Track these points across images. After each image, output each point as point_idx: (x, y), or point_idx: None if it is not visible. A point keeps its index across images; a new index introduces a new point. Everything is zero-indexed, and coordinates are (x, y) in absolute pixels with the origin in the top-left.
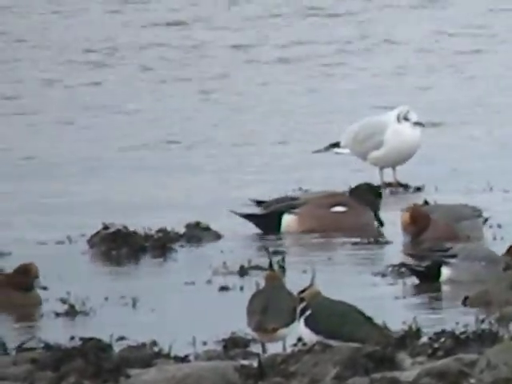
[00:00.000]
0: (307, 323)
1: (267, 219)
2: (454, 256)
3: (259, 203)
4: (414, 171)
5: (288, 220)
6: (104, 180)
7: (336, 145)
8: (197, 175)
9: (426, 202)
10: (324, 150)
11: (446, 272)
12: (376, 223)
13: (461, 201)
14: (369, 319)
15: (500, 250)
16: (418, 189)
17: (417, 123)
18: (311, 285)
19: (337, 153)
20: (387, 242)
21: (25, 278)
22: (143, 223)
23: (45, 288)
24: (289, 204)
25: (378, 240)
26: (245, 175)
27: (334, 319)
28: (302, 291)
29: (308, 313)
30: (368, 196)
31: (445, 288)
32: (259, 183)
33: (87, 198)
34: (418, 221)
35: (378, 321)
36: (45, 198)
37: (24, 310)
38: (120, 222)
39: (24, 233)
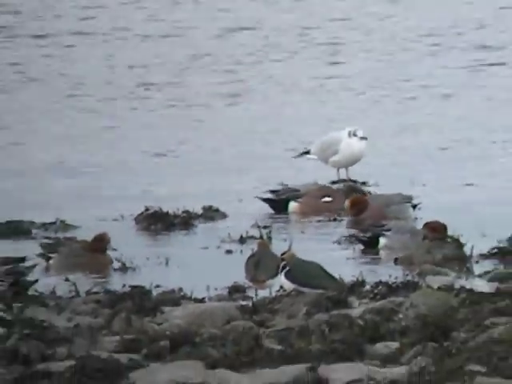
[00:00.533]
0: (286, 276)
1: (279, 204)
2: (388, 230)
3: (273, 192)
4: (361, 170)
5: (293, 206)
6: (146, 178)
7: (307, 152)
8: (213, 174)
9: (369, 193)
10: (299, 155)
11: (382, 241)
12: None
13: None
14: (329, 273)
15: (419, 226)
16: (363, 183)
17: (362, 138)
18: (289, 249)
19: (308, 158)
20: (342, 220)
21: (101, 243)
22: (173, 206)
23: (115, 249)
24: (294, 194)
25: (336, 218)
26: (244, 173)
27: (306, 273)
28: (283, 254)
29: (287, 269)
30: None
31: (382, 252)
32: (254, 179)
33: (135, 191)
34: (356, 206)
35: (336, 274)
36: (106, 190)
37: (98, 266)
38: (157, 205)
39: (90, 212)
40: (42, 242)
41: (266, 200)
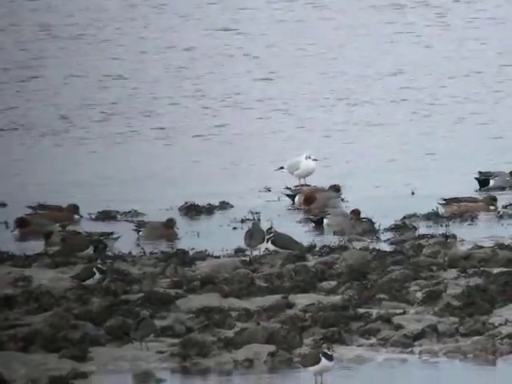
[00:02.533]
0: (271, 241)
1: (292, 197)
2: (328, 214)
3: (288, 188)
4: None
5: (297, 199)
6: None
7: (282, 167)
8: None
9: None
10: (278, 169)
11: (325, 221)
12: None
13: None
14: (295, 241)
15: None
16: (315, 186)
17: (314, 159)
18: (271, 227)
19: (282, 171)
20: (302, 209)
21: (171, 223)
22: (202, 201)
23: (177, 228)
24: (297, 191)
25: (298, 208)
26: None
27: (282, 240)
28: (269, 229)
29: (271, 237)
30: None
31: (325, 228)
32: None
33: (178, 191)
34: (307, 200)
35: (299, 241)
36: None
37: (169, 237)
38: (191, 200)
39: (150, 204)
40: (134, 222)
41: (287, 195)
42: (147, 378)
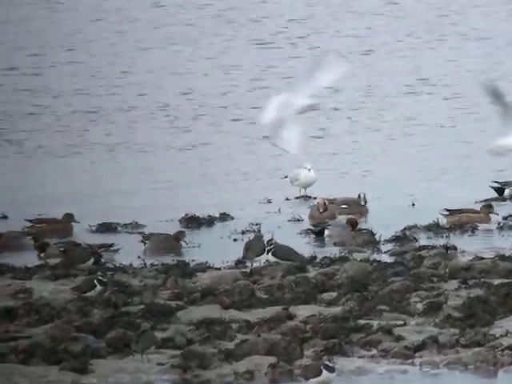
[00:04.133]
0: (272, 253)
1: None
2: (329, 225)
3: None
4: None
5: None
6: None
7: (286, 177)
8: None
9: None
10: (283, 178)
11: (326, 232)
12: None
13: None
14: (296, 252)
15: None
16: (315, 198)
17: (309, 169)
18: (272, 238)
19: (286, 180)
20: (303, 220)
21: (181, 236)
22: (202, 213)
23: (186, 242)
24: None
25: (299, 219)
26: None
27: (283, 251)
28: (270, 240)
29: (272, 248)
30: None
31: (326, 239)
32: (248, 193)
33: (178, 203)
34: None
35: (299, 252)
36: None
37: (175, 249)
38: (191, 212)
39: (152, 216)
40: (141, 234)
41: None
42: None
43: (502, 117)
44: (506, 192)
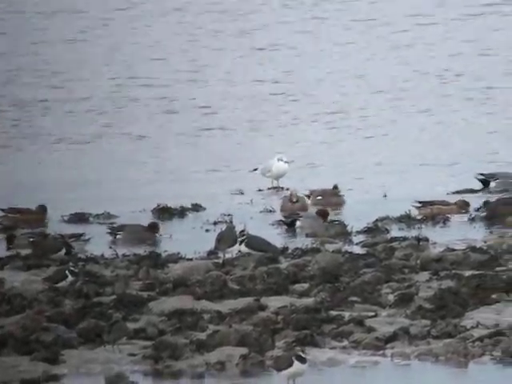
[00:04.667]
0: (245, 244)
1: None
2: (301, 216)
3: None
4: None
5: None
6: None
7: (256, 169)
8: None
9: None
10: (252, 171)
11: (298, 223)
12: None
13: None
14: (268, 242)
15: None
16: (287, 189)
17: (286, 161)
18: (244, 229)
19: (256, 173)
20: (275, 211)
21: (156, 227)
22: (174, 203)
23: (160, 234)
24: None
25: (271, 210)
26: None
27: (256, 242)
28: (242, 231)
29: (244, 239)
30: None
31: (297, 230)
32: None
33: (152, 193)
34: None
35: (271, 243)
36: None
37: (150, 240)
38: (164, 202)
39: (124, 207)
40: (109, 225)
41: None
42: (119, 380)
43: None
44: (492, 184)
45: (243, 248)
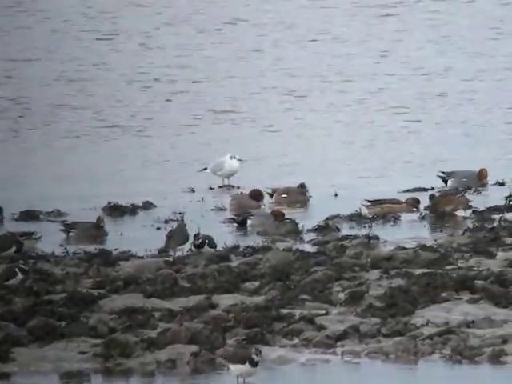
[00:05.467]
0: (208, 245)
1: (270, 195)
2: (252, 214)
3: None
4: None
5: (271, 198)
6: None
7: (205, 168)
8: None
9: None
10: (201, 170)
11: (249, 221)
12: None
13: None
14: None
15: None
16: (238, 187)
17: (239, 159)
18: (198, 232)
19: (206, 172)
20: (226, 209)
21: (101, 222)
22: (125, 201)
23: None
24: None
25: (222, 208)
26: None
27: (214, 241)
28: (197, 234)
29: (202, 241)
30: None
31: (249, 228)
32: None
33: (101, 191)
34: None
35: (223, 242)
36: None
37: (98, 236)
38: (115, 200)
39: (75, 204)
40: (63, 222)
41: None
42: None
43: None
44: (449, 183)
45: (209, 250)
